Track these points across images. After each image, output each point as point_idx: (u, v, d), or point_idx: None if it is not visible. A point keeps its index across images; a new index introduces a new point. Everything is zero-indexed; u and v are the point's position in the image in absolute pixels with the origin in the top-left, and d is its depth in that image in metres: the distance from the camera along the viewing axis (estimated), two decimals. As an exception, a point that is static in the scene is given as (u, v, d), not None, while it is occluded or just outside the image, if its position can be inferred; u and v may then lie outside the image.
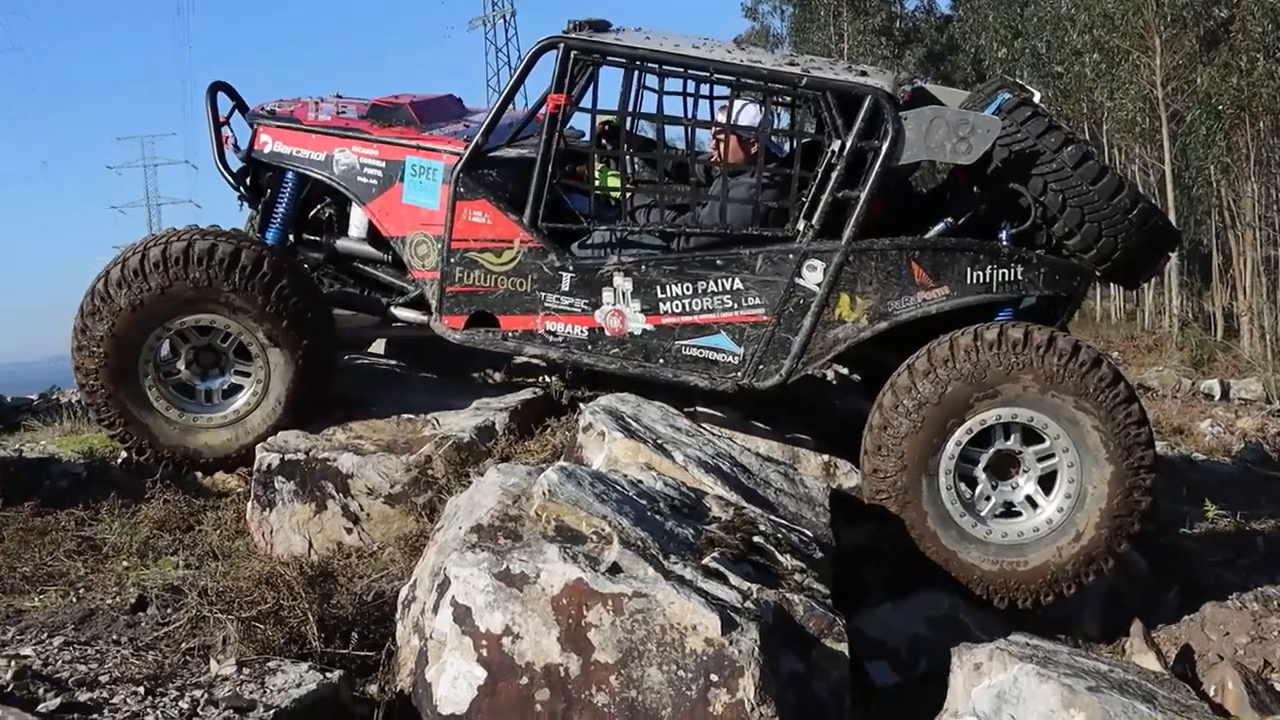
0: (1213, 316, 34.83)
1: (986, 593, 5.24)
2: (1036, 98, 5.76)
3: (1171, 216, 31.08)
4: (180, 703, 3.50)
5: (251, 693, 3.57)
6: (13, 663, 3.74)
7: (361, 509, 5.43)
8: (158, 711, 3.44)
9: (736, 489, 4.71)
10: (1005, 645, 4.09)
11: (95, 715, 3.41)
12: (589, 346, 5.62)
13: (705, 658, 3.53)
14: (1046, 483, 5.25)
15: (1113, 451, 5.10)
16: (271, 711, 3.45)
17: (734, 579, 3.84)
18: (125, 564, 5.19)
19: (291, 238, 6.22)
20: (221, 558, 5.28)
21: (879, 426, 5.24)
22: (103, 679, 3.64)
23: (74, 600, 4.61)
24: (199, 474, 5.95)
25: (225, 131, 6.17)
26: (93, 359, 5.56)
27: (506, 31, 59.05)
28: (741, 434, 5.90)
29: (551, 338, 5.64)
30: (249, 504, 5.52)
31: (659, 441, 4.89)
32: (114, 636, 4.16)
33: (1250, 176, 31.09)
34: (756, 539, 4.19)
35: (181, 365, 5.73)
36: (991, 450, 5.24)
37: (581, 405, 5.62)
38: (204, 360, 5.76)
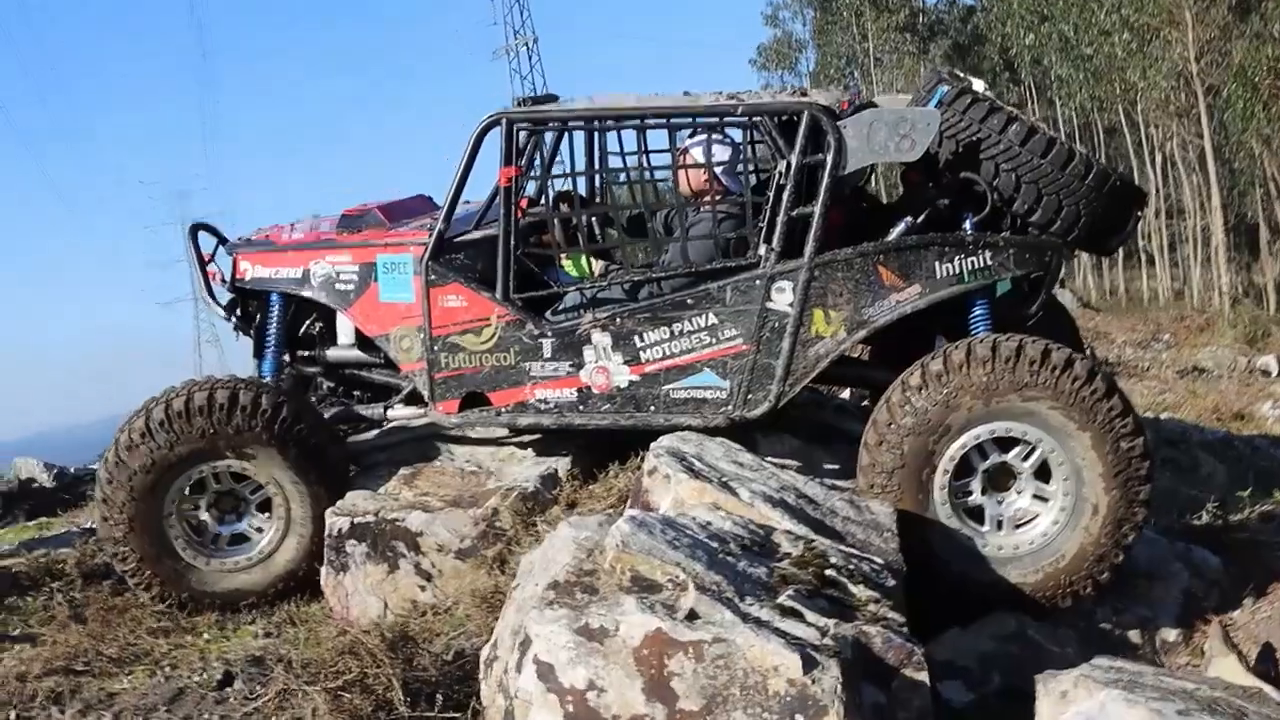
0: (1263, 290, 34.35)
1: (1046, 601, 5.16)
2: (978, 85, 5.73)
3: (1214, 191, 30.97)
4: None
5: (346, 765, 3.64)
6: (111, 750, 3.83)
7: (433, 566, 5.47)
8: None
9: (804, 521, 4.71)
10: (1089, 671, 4.04)
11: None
12: (580, 407, 5.66)
13: (789, 699, 3.52)
14: (1044, 474, 5.17)
15: (1079, 419, 4.99)
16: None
17: (810, 615, 3.83)
18: (206, 637, 5.29)
19: (286, 357, 6.27)
20: (299, 624, 5.37)
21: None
22: (200, 760, 3.72)
23: (162, 680, 4.70)
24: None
25: (211, 268, 6.20)
26: (122, 490, 5.49)
27: (530, 59, 59.14)
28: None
29: (543, 405, 5.68)
30: (323, 569, 5.58)
31: (724, 479, 4.90)
32: (205, 714, 4.26)
33: (1292, 146, 30.74)
34: (829, 572, 4.19)
35: (204, 511, 5.70)
36: (979, 474, 5.18)
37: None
38: (223, 505, 5.74)
